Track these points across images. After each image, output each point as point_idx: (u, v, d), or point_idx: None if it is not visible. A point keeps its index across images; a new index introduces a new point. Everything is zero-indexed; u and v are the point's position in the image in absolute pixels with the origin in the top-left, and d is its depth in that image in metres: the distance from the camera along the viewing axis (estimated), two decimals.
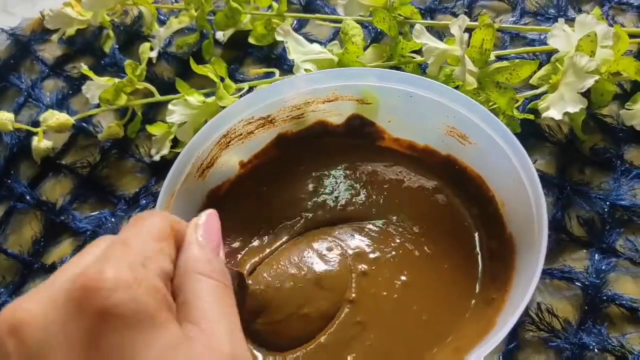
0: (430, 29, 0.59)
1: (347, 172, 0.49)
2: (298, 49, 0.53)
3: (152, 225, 0.27)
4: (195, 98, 0.53)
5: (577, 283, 0.47)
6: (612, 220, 0.50)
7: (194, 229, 0.30)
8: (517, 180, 0.40)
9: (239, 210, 0.47)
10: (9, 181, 0.56)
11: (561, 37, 0.52)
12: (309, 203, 0.48)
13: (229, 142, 0.46)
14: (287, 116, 0.47)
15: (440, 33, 0.62)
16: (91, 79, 0.57)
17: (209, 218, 0.31)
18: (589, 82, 0.47)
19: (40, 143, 0.55)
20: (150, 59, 0.62)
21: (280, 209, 0.48)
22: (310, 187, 0.48)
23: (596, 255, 0.48)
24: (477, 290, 0.42)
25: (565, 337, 0.44)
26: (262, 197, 0.48)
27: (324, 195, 0.48)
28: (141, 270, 0.23)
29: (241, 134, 0.46)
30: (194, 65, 0.54)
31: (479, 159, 0.45)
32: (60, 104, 0.60)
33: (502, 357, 0.44)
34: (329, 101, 0.47)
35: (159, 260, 0.25)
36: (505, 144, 0.41)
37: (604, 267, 0.47)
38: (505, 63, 0.53)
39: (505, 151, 0.41)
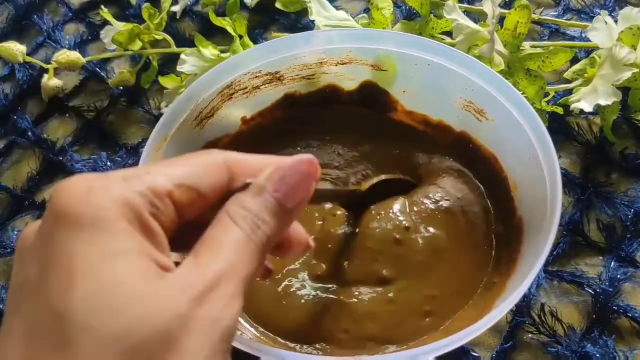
0: (467, 15, 0.56)
1: (353, 144, 0.46)
2: (321, 12, 0.51)
3: (194, 155, 0.25)
4: (209, 51, 0.51)
5: (587, 289, 0.43)
6: (634, 228, 0.46)
7: (267, 173, 0.25)
8: (534, 159, 0.37)
9: None
10: (15, 117, 0.55)
11: (602, 30, 0.49)
12: None
13: (233, 94, 0.44)
14: (297, 75, 0.45)
15: (477, 19, 0.59)
16: (111, 24, 0.56)
17: (293, 168, 0.25)
18: (626, 74, 0.44)
19: (50, 81, 0.54)
20: (174, 14, 0.60)
21: None
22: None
23: (612, 262, 0.44)
24: (482, 276, 0.39)
25: (566, 344, 0.41)
26: None
27: (325, 169, 0.46)
28: (117, 182, 0.22)
29: (246, 88, 0.44)
30: (212, 17, 0.52)
31: (494, 136, 0.41)
32: (78, 48, 0.59)
33: (496, 355, 0.41)
34: (343, 64, 0.45)
35: (152, 179, 0.23)
36: (524, 120, 0.38)
37: (619, 276, 0.43)
38: (538, 50, 0.49)
39: (523, 127, 0.38)
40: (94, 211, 0.21)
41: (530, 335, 0.42)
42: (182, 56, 0.51)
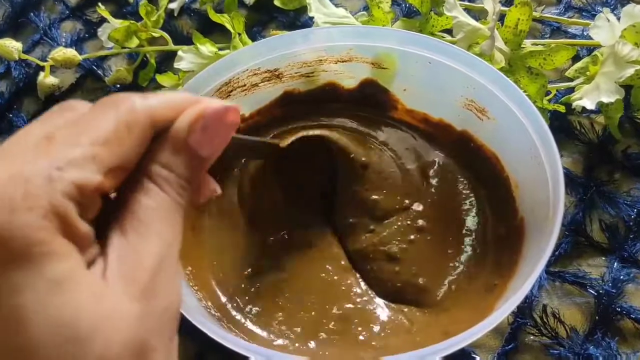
0: (468, 12, 0.56)
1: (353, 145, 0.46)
2: (320, 9, 0.50)
3: (115, 116, 0.21)
4: (207, 48, 0.50)
5: (590, 290, 0.43)
6: (638, 229, 0.45)
7: (185, 123, 0.22)
8: (536, 159, 0.36)
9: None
10: (10, 115, 0.54)
11: (604, 28, 0.48)
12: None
13: (231, 91, 0.43)
14: (296, 72, 0.44)
15: (478, 17, 0.58)
16: (108, 22, 0.55)
17: (218, 119, 0.22)
18: (629, 71, 0.43)
19: (46, 79, 0.54)
20: (172, 12, 0.60)
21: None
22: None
23: (615, 263, 0.44)
24: (478, 276, 0.39)
25: (569, 346, 0.40)
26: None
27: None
28: (42, 185, 0.19)
29: (244, 85, 0.43)
30: (211, 13, 0.52)
31: (496, 135, 0.41)
32: (75, 46, 0.58)
33: (497, 357, 0.40)
34: (343, 61, 0.44)
35: (78, 173, 0.19)
36: (526, 119, 0.37)
37: (622, 277, 0.43)
38: (539, 47, 0.49)
39: (525, 126, 0.37)
40: (24, 234, 0.18)
41: (532, 337, 0.41)
42: (180, 53, 0.51)
